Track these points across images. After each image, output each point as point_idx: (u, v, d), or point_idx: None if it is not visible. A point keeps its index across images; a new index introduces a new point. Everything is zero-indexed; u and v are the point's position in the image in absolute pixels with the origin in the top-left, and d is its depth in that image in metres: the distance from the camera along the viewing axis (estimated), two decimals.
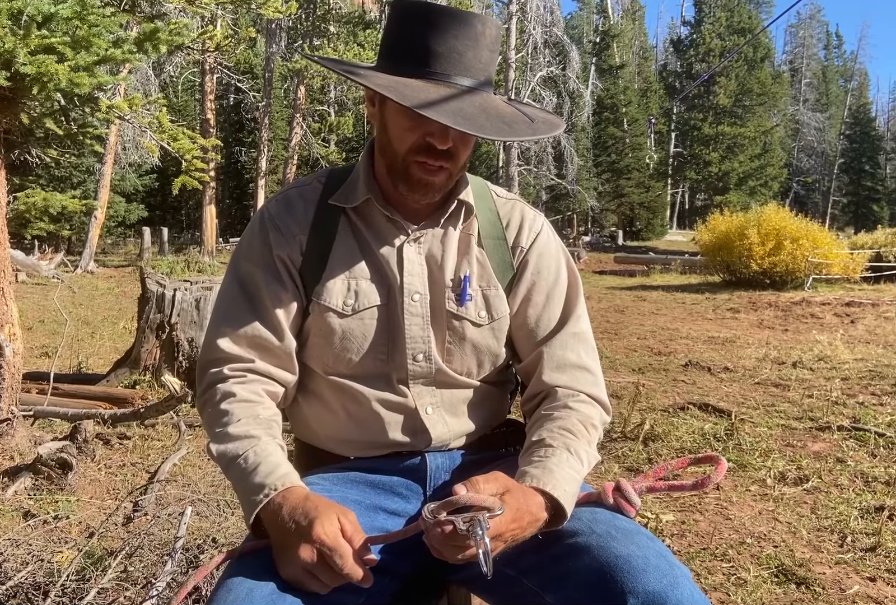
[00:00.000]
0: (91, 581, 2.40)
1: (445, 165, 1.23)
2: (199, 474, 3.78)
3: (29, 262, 16.69)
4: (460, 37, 1.16)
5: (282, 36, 25.35)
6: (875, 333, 9.09)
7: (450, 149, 1.20)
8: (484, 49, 1.19)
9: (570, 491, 1.13)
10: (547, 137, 1.42)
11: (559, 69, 28.09)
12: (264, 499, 1.09)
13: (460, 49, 1.16)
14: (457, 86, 1.17)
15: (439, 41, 1.16)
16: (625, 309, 12.34)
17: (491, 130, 1.14)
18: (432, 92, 1.14)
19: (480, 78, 1.19)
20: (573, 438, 1.22)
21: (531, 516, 1.07)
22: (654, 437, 4.42)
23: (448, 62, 1.16)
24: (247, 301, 1.30)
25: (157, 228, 25.63)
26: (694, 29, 45.06)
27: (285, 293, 1.30)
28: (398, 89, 1.12)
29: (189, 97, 32.16)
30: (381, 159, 1.30)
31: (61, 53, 3.45)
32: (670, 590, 1.01)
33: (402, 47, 1.20)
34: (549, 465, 1.15)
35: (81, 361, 6.69)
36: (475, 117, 1.13)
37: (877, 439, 4.37)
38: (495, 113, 1.18)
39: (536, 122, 1.22)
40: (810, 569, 2.76)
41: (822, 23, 69.12)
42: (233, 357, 1.28)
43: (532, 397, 1.37)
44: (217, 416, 1.24)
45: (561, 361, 1.34)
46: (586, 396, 1.32)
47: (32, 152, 4.61)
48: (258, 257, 1.31)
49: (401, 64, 1.18)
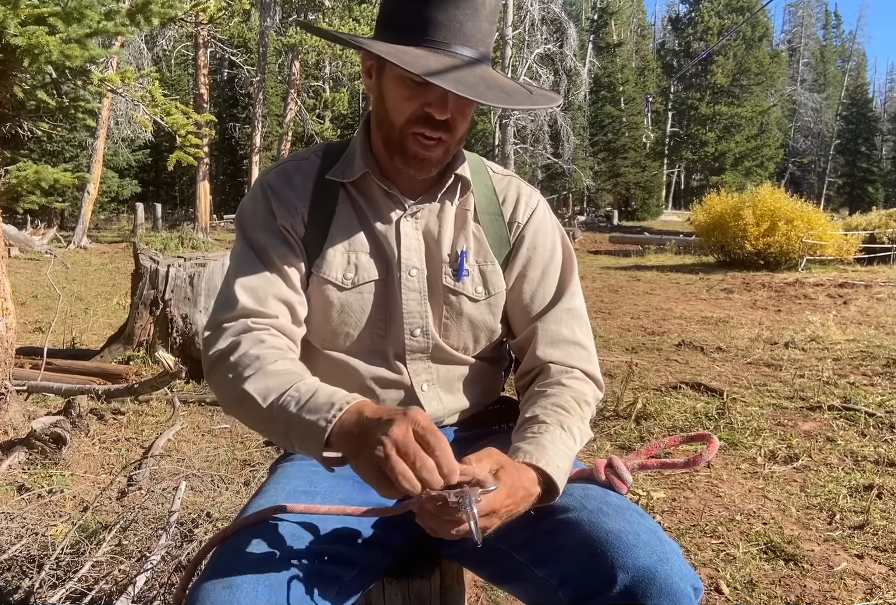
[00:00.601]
0: (85, 555, 2.42)
1: (444, 137, 1.22)
2: (193, 450, 3.80)
3: (21, 237, 16.60)
4: (461, 6, 1.15)
5: (276, 9, 25.06)
6: (867, 314, 9.12)
7: (448, 120, 1.20)
8: (483, 19, 1.18)
9: (562, 467, 1.13)
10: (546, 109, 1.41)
11: (556, 47, 27.83)
12: (339, 413, 1.00)
13: (460, 18, 1.16)
14: (457, 55, 1.16)
15: (439, 10, 1.15)
16: (619, 289, 12.35)
17: (491, 98, 1.13)
18: (432, 60, 1.13)
19: (480, 48, 1.19)
20: (566, 414, 1.23)
21: (524, 491, 1.07)
22: (646, 415, 4.45)
23: (448, 31, 1.15)
24: (262, 262, 1.27)
25: (151, 204, 25.53)
26: (692, 7, 44.67)
27: (295, 258, 1.28)
28: (399, 56, 1.11)
29: (182, 72, 31.84)
30: (378, 132, 1.29)
31: (52, 25, 3.41)
32: (660, 565, 1.02)
33: (402, 16, 1.19)
34: (542, 441, 1.15)
35: (75, 336, 6.67)
36: (475, 85, 1.12)
37: (867, 418, 4.41)
38: (494, 83, 1.17)
39: (535, 94, 1.22)
40: (799, 546, 2.79)
41: (821, 2, 68.74)
42: (256, 312, 1.23)
43: (526, 373, 1.37)
44: (247, 359, 1.15)
45: (555, 336, 1.35)
46: (580, 371, 1.33)
47: (24, 125, 4.57)
48: (263, 224, 1.29)
49: (400, 33, 1.17)
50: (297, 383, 1.09)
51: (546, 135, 29.01)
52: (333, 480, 1.24)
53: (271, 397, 1.09)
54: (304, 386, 1.08)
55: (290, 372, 1.13)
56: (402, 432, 0.92)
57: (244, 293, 1.23)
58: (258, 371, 1.13)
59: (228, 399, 1.18)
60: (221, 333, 1.22)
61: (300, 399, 1.05)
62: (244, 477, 3.36)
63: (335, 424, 1.00)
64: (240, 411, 1.16)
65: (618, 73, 39.72)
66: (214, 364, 1.20)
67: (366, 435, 0.95)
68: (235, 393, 1.14)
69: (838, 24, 71.17)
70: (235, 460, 3.65)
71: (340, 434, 0.99)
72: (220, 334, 1.22)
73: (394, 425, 0.93)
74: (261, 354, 1.15)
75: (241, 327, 1.21)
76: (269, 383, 1.11)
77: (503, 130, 26.52)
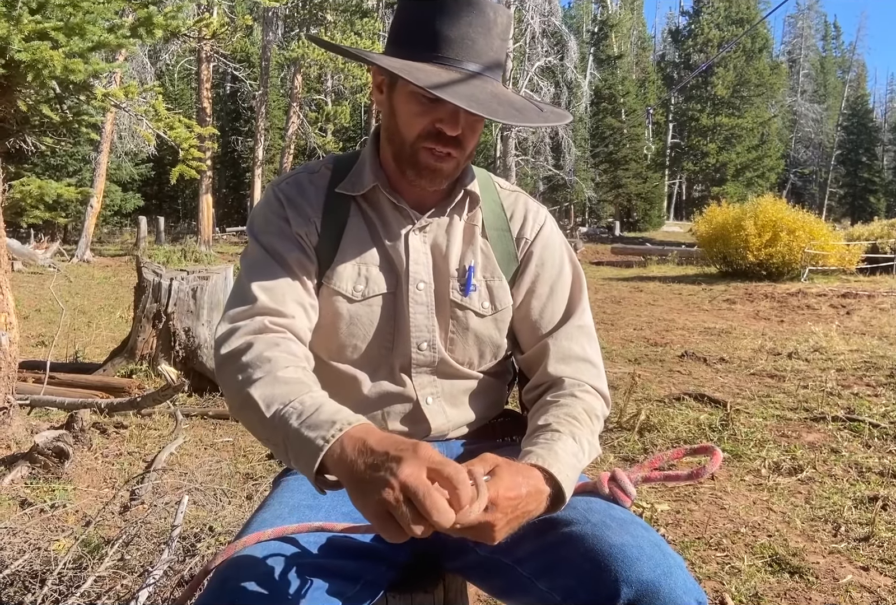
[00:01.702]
0: (88, 570, 2.41)
1: (453, 153, 1.22)
2: (195, 463, 3.79)
3: (25, 251, 16.65)
4: (473, 24, 1.16)
5: (278, 24, 25.24)
6: (870, 324, 9.11)
7: (458, 136, 1.20)
8: (495, 37, 1.19)
9: (571, 477, 1.12)
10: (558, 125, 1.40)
11: (557, 59, 27.99)
12: (338, 434, 0.96)
13: (472, 36, 1.16)
14: (468, 72, 1.16)
15: (452, 27, 1.16)
16: (621, 300, 12.34)
17: (503, 115, 1.14)
18: (444, 76, 1.13)
19: (491, 65, 1.20)
20: (578, 426, 1.23)
21: (531, 487, 1.04)
22: (649, 427, 4.43)
23: (461, 48, 1.16)
24: (279, 265, 1.26)
25: (154, 218, 25.60)
26: (692, 19, 44.88)
27: (310, 265, 1.28)
28: (411, 72, 1.12)
29: (185, 86, 32.02)
30: (389, 147, 1.29)
31: (55, 40, 3.43)
32: (664, 579, 1.01)
33: (414, 32, 1.19)
34: (555, 448, 1.14)
35: (78, 350, 6.67)
36: (487, 102, 1.13)
37: (871, 429, 4.39)
38: (506, 100, 1.18)
39: (546, 111, 1.23)
40: (804, 558, 2.78)
41: (820, 14, 69.04)
42: (274, 310, 1.21)
43: (535, 387, 1.37)
44: (259, 362, 1.12)
45: (567, 353, 1.35)
46: (590, 387, 1.33)
47: (28, 140, 4.59)
48: (278, 231, 1.29)
49: (411, 49, 1.18)
50: (303, 395, 1.05)
51: (547, 147, 29.13)
52: (337, 493, 1.23)
53: (274, 406, 1.05)
54: (309, 399, 1.04)
55: (299, 381, 1.09)
56: (411, 473, 0.87)
57: (262, 291, 1.22)
58: (266, 375, 1.10)
59: (234, 401, 1.15)
60: (236, 330, 1.19)
61: (302, 412, 1.02)
62: (247, 491, 3.35)
63: (333, 444, 0.96)
64: (242, 415, 1.13)
65: (618, 85, 39.89)
66: (225, 362, 1.18)
67: (371, 472, 0.90)
68: (241, 396, 1.11)
69: (838, 36, 71.53)
70: (238, 473, 3.64)
71: (340, 459, 0.95)
72: (234, 331, 1.19)
73: (403, 465, 0.87)
74: (273, 357, 1.12)
75: (257, 326, 1.18)
76: (275, 390, 1.07)
77: (504, 142, 26.62)
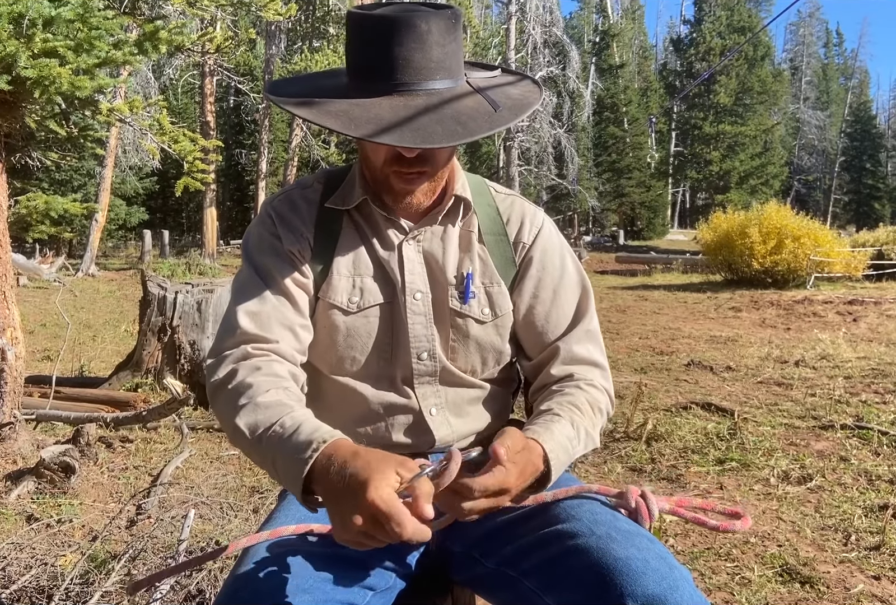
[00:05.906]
0: (95, 585, 2.41)
1: (422, 169, 1.22)
2: (201, 477, 3.78)
3: (30, 265, 16.70)
4: (404, 42, 1.13)
5: (281, 38, 25.35)
6: (878, 331, 9.08)
7: (420, 154, 1.19)
8: (433, 47, 1.15)
9: (560, 459, 1.14)
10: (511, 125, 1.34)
11: (559, 69, 28.11)
12: (313, 454, 0.97)
13: (405, 55, 1.13)
14: (412, 92, 1.15)
15: (381, 52, 1.14)
16: (626, 309, 12.33)
17: (440, 137, 1.10)
18: (384, 107, 1.13)
19: (435, 77, 1.16)
20: (579, 414, 1.24)
21: (533, 466, 1.10)
22: (656, 437, 4.42)
23: (395, 71, 1.14)
24: (267, 286, 1.26)
25: (158, 231, 25.66)
26: (694, 28, 44.98)
27: (303, 282, 1.29)
28: (349, 114, 1.12)
29: (189, 100, 32.16)
30: (366, 172, 1.31)
31: (63, 57, 3.44)
32: (670, 593, 1.00)
33: (352, 63, 1.20)
34: (552, 428, 1.17)
35: (83, 364, 6.69)
36: (425, 126, 1.11)
37: (880, 437, 4.37)
38: (451, 113, 1.14)
39: (501, 109, 1.18)
40: (815, 568, 2.76)
41: (821, 21, 69.12)
42: (257, 337, 1.22)
43: (541, 388, 1.37)
44: (241, 389, 1.14)
45: (575, 356, 1.35)
46: (597, 383, 1.34)
47: (33, 156, 4.61)
48: (270, 249, 1.30)
49: (354, 79, 1.19)
50: (284, 417, 1.07)
51: (550, 156, 29.17)
52: None
53: (258, 432, 1.07)
54: (289, 420, 1.06)
55: (280, 404, 1.11)
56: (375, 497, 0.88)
57: (246, 318, 1.23)
58: (249, 402, 1.11)
59: (226, 431, 1.17)
60: (222, 360, 1.21)
61: (283, 435, 1.04)
62: (253, 504, 3.34)
63: (311, 465, 0.97)
64: (236, 443, 1.16)
65: (620, 94, 39.94)
66: (214, 393, 1.20)
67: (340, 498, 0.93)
68: (230, 426, 1.13)
69: (840, 42, 71.51)
70: (244, 487, 3.63)
71: (319, 478, 0.97)
72: (221, 362, 1.21)
73: (368, 490, 0.89)
74: (254, 382, 1.14)
75: (239, 354, 1.20)
76: (258, 416, 1.09)
77: (507, 152, 26.70)
